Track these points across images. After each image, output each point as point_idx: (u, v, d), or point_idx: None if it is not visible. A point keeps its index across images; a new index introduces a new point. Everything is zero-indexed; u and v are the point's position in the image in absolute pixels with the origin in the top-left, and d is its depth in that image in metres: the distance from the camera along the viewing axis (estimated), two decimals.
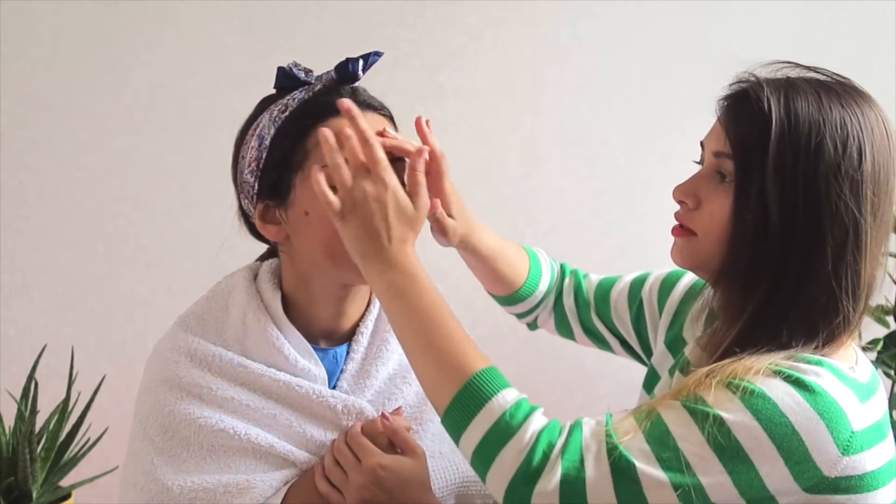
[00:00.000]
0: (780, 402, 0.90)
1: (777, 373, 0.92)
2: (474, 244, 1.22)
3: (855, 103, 0.98)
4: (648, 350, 1.26)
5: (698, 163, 1.06)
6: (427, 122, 1.13)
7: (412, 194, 1.03)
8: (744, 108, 0.99)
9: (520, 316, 1.37)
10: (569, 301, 1.34)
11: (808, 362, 0.94)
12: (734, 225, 0.98)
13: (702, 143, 1.05)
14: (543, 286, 1.33)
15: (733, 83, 1.03)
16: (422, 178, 1.04)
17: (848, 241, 0.95)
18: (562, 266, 1.38)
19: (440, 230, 1.16)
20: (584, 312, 1.33)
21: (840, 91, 0.99)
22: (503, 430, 0.92)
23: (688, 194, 1.04)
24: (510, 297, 1.32)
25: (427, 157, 1.06)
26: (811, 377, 0.92)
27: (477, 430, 0.93)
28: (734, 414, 0.90)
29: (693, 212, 1.03)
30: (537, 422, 0.93)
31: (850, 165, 0.95)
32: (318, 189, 1.01)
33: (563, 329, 1.36)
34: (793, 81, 1.00)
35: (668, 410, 0.93)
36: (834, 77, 1.02)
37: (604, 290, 1.32)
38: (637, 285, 1.29)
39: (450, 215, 1.16)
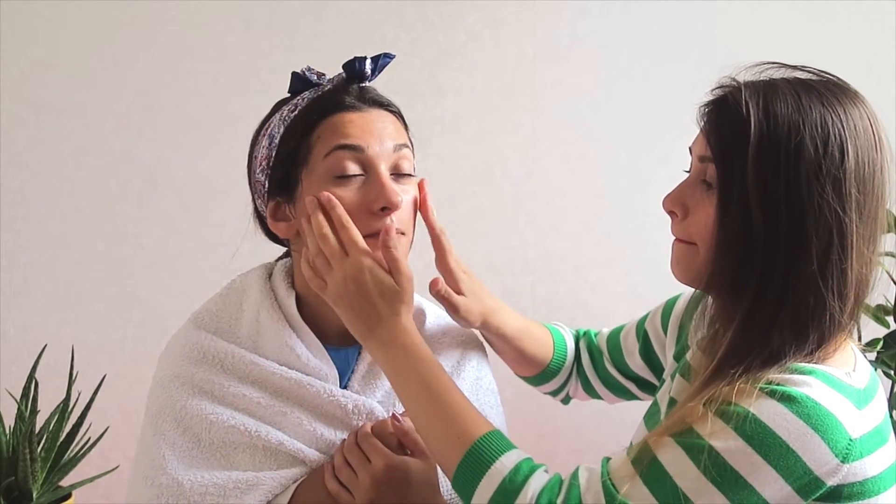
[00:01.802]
0: (771, 423, 0.90)
1: (768, 393, 0.91)
2: (498, 325, 1.25)
3: (837, 101, 0.96)
4: (662, 375, 1.26)
5: (688, 171, 1.06)
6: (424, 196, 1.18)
7: (391, 270, 1.07)
8: (723, 113, 0.99)
9: (553, 393, 1.38)
10: (585, 359, 1.36)
11: (801, 372, 0.94)
12: (719, 229, 0.98)
13: (690, 150, 1.05)
14: (571, 353, 1.35)
15: (714, 88, 1.03)
16: (396, 254, 1.08)
17: (833, 240, 0.94)
18: (577, 332, 1.39)
19: (450, 307, 1.20)
20: (599, 364, 1.34)
21: (822, 90, 0.97)
22: (505, 494, 0.95)
23: (676, 203, 1.04)
24: (541, 374, 1.33)
25: (393, 234, 1.09)
26: (802, 388, 0.92)
27: (482, 495, 0.97)
28: (727, 442, 0.90)
29: (683, 222, 1.03)
30: (536, 482, 0.95)
31: (831, 164, 0.94)
32: (307, 275, 1.10)
33: (590, 390, 1.37)
34: (773, 83, 0.99)
35: (662, 450, 0.93)
36: (818, 75, 1.01)
37: (614, 336, 1.34)
38: (641, 322, 1.31)
39: (459, 292, 1.18)
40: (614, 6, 1.96)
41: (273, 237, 1.20)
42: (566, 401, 1.40)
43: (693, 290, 1.23)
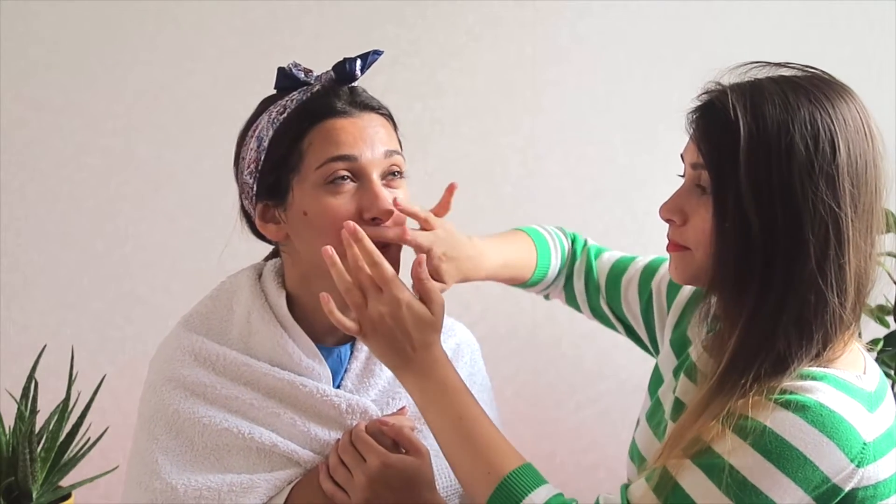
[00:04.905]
0: (787, 435, 0.90)
1: (782, 404, 0.92)
2: (472, 278, 1.23)
3: (825, 96, 0.96)
4: (654, 340, 1.26)
5: (682, 176, 1.06)
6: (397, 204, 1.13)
7: (425, 301, 1.07)
8: (711, 118, 0.99)
9: (535, 292, 1.39)
10: (579, 285, 1.34)
11: (812, 378, 0.94)
12: (717, 235, 0.98)
13: (682, 157, 1.05)
14: (553, 272, 1.34)
15: (700, 94, 1.02)
16: (430, 284, 1.07)
17: (829, 236, 0.94)
18: (573, 242, 1.37)
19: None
20: (594, 297, 1.33)
21: (808, 86, 0.97)
22: None
23: (673, 211, 1.04)
24: (521, 286, 1.34)
25: (425, 265, 1.08)
26: (814, 395, 0.92)
27: None
28: (746, 459, 0.90)
29: (681, 228, 1.03)
30: None
31: (823, 161, 0.93)
32: (332, 317, 1.05)
33: (573, 304, 1.38)
34: (758, 84, 0.99)
35: (682, 473, 0.93)
36: (804, 71, 1.00)
37: (615, 275, 1.31)
38: (648, 275, 1.28)
39: (442, 281, 1.15)
40: (614, 6, 1.96)
41: (261, 236, 1.20)
42: (547, 297, 1.41)
43: None
